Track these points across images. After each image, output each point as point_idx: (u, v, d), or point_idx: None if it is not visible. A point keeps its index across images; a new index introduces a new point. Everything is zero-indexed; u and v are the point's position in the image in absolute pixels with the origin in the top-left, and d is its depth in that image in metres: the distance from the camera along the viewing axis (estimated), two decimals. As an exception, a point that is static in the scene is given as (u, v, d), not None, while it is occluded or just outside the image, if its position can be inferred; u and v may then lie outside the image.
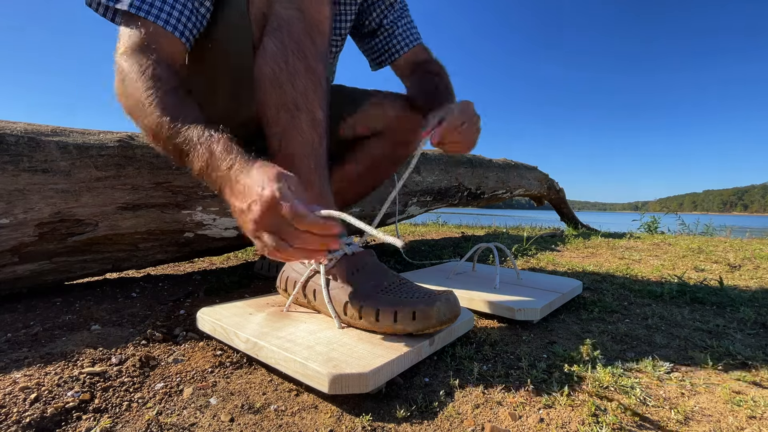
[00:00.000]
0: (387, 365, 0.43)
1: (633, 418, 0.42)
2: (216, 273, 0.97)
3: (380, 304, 0.50)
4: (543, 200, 2.64)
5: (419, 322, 0.48)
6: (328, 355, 0.45)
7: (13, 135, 0.64)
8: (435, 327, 0.49)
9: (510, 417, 0.41)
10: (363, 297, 0.52)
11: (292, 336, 0.50)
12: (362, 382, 0.41)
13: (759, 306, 0.83)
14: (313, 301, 0.58)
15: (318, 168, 0.61)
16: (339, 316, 0.54)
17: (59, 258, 0.69)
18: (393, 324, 0.49)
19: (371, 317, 0.50)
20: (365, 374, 0.41)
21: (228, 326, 0.53)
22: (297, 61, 0.61)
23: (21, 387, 0.41)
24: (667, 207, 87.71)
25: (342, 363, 0.43)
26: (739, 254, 1.54)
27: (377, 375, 0.42)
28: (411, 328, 0.49)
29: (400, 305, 0.49)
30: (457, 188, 1.71)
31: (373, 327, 0.51)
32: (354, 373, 0.41)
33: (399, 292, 0.52)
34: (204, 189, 0.83)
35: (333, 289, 0.55)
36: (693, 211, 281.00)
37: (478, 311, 0.72)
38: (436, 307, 0.48)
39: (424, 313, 0.48)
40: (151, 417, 0.39)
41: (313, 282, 0.58)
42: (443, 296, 0.50)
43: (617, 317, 0.74)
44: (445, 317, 0.49)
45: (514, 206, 69.73)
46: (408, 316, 0.48)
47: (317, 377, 0.41)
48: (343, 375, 0.40)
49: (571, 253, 1.53)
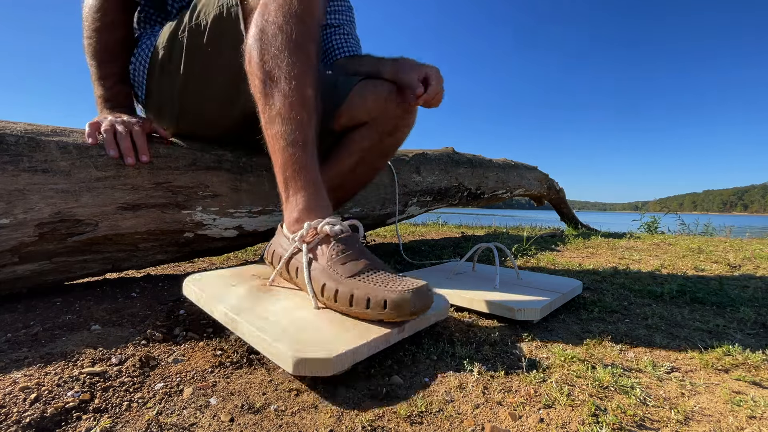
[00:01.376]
0: (351, 351, 0.45)
1: (633, 418, 0.42)
2: (216, 273, 0.97)
3: (355, 290, 0.52)
4: (543, 200, 2.64)
5: (391, 311, 0.50)
6: (298, 336, 0.46)
7: (13, 135, 0.64)
8: (406, 317, 0.50)
9: (510, 417, 0.41)
10: (340, 281, 0.53)
11: (266, 313, 0.52)
12: (326, 366, 0.43)
13: (759, 306, 0.83)
14: (295, 278, 0.59)
15: (306, 145, 0.62)
16: (317, 296, 0.55)
17: (59, 258, 0.69)
18: (365, 310, 0.51)
19: (345, 302, 0.52)
20: (329, 359, 0.43)
21: (210, 297, 0.55)
22: (285, 41, 0.61)
23: (21, 387, 0.41)
24: (667, 207, 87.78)
25: (308, 345, 0.45)
26: (739, 254, 1.54)
27: (340, 360, 0.44)
28: (383, 316, 0.50)
29: (374, 293, 0.51)
30: (457, 188, 1.71)
31: (347, 311, 0.52)
32: (318, 358, 0.43)
33: (376, 281, 0.53)
34: (204, 189, 0.83)
35: (314, 270, 0.56)
36: (693, 211, 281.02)
37: (478, 311, 0.72)
38: (408, 298, 0.49)
39: (396, 303, 0.49)
40: (151, 417, 0.39)
41: (296, 259, 0.59)
42: (416, 287, 0.51)
43: (617, 317, 0.74)
44: (416, 308, 0.50)
45: (514, 206, 69.81)
46: (380, 304, 0.50)
47: (284, 357, 0.43)
48: (307, 359, 0.43)
49: (571, 253, 1.53)
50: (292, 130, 0.61)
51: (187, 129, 0.87)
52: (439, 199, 1.63)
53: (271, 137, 0.63)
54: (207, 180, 0.83)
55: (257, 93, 0.63)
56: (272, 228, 0.95)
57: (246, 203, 0.89)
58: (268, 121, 0.63)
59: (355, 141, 0.88)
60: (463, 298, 0.73)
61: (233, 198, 0.87)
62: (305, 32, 0.62)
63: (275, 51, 0.61)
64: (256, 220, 0.92)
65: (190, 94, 0.82)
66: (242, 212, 0.89)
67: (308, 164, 0.61)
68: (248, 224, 0.91)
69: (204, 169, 0.84)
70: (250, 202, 0.90)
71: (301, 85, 0.61)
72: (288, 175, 0.61)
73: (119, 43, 0.84)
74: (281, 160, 0.62)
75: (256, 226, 0.93)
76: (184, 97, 0.83)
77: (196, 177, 0.82)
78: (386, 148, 0.92)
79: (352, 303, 0.51)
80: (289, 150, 0.61)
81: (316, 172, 0.62)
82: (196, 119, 0.86)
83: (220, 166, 0.86)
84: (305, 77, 0.62)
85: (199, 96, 0.82)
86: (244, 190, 0.89)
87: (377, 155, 0.92)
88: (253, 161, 0.92)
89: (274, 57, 0.61)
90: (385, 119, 0.87)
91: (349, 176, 0.90)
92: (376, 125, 0.87)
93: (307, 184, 0.61)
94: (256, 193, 0.91)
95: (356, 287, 0.52)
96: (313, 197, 0.61)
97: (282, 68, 0.61)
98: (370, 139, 0.88)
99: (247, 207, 0.90)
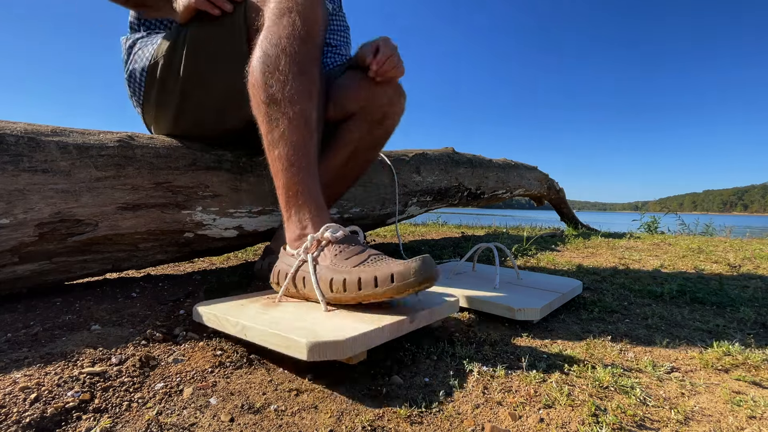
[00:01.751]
0: (363, 336, 0.46)
1: (633, 418, 0.42)
2: (216, 273, 0.97)
3: (362, 274, 0.53)
4: (543, 200, 2.64)
5: (398, 282, 0.50)
6: (311, 329, 0.47)
7: (13, 135, 0.64)
8: (414, 287, 0.51)
9: (510, 417, 0.41)
10: (346, 271, 0.54)
11: (277, 318, 0.52)
12: (338, 348, 0.43)
13: (759, 306, 0.83)
14: (303, 289, 0.59)
15: (309, 166, 0.63)
16: (324, 294, 0.56)
17: (59, 258, 0.69)
18: (374, 289, 0.51)
19: (354, 287, 0.53)
20: (341, 341, 0.43)
21: (220, 314, 0.56)
22: (289, 63, 0.62)
23: (21, 387, 0.41)
24: (667, 207, 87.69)
25: (321, 334, 0.45)
26: (739, 254, 1.54)
27: (354, 343, 0.44)
28: (392, 290, 0.51)
29: (380, 271, 0.52)
30: (457, 188, 1.71)
31: (357, 297, 0.53)
32: (330, 341, 0.43)
33: (381, 263, 0.54)
34: (204, 189, 0.83)
35: (320, 271, 0.57)
36: (693, 211, 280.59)
37: (478, 311, 0.72)
38: (414, 266, 0.50)
39: (401, 275, 0.50)
40: (151, 417, 0.39)
41: (302, 271, 0.59)
42: (421, 258, 0.52)
43: (617, 317, 0.74)
44: (423, 276, 0.50)
45: (514, 206, 69.79)
46: (387, 279, 0.51)
47: (297, 346, 0.44)
48: (320, 342, 0.43)
49: (571, 253, 1.53)
50: (294, 153, 0.62)
51: (186, 132, 0.88)
52: (439, 199, 1.63)
53: (273, 159, 0.63)
54: (207, 180, 0.83)
55: (260, 115, 0.64)
56: (272, 228, 0.95)
57: (246, 203, 0.89)
58: (270, 142, 0.63)
59: (346, 132, 0.88)
60: (463, 298, 0.73)
61: (233, 198, 0.87)
62: (308, 55, 0.63)
63: (279, 74, 0.62)
64: (256, 220, 0.92)
65: (190, 102, 0.82)
66: (242, 212, 0.89)
67: (310, 185, 0.63)
68: (248, 224, 0.91)
69: (204, 169, 0.84)
70: (250, 202, 0.90)
71: (303, 109, 0.62)
72: (291, 195, 0.62)
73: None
74: (283, 182, 0.63)
75: (257, 226, 0.93)
76: (183, 104, 0.83)
77: (196, 177, 0.82)
78: (377, 138, 0.91)
79: (361, 286, 0.52)
80: (291, 171, 0.62)
81: (317, 192, 0.64)
82: (196, 125, 0.86)
83: (220, 166, 0.86)
84: (308, 100, 0.63)
85: (199, 105, 0.82)
86: (244, 190, 0.89)
87: (369, 146, 0.91)
88: (253, 161, 0.92)
89: (278, 81, 0.62)
90: (373, 107, 0.87)
91: (341, 170, 0.90)
92: (365, 114, 0.87)
93: (309, 204, 0.62)
94: (256, 193, 0.91)
95: (362, 272, 0.53)
96: (316, 216, 0.62)
97: (285, 92, 0.61)
98: (360, 129, 0.88)
99: (247, 207, 0.90)
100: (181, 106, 0.83)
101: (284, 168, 0.62)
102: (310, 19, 0.64)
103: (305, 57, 0.63)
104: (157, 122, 0.89)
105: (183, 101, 0.82)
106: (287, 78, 0.62)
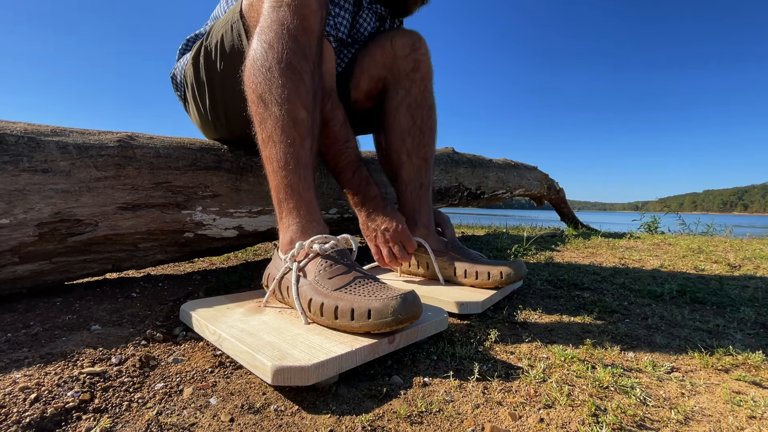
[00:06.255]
0: (333, 360, 0.44)
1: (633, 418, 0.42)
2: (216, 273, 0.97)
3: (339, 302, 0.51)
4: (543, 200, 2.64)
5: (375, 320, 0.48)
6: (282, 348, 0.46)
7: (13, 135, 0.64)
8: (391, 326, 0.48)
9: (510, 417, 0.41)
10: (325, 294, 0.52)
11: (254, 329, 0.52)
12: (304, 374, 0.42)
13: (759, 306, 0.83)
14: (287, 297, 0.59)
15: (298, 168, 0.61)
16: (305, 312, 0.54)
17: (59, 258, 0.69)
18: (350, 322, 0.49)
19: (331, 315, 0.51)
20: (306, 367, 0.42)
21: (202, 319, 0.55)
22: (275, 61, 0.60)
23: (21, 387, 0.41)
24: (667, 207, 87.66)
25: (289, 356, 0.44)
26: (739, 254, 1.53)
27: (321, 368, 0.43)
28: (368, 326, 0.49)
29: (358, 304, 0.50)
30: (457, 188, 1.71)
31: (333, 324, 0.51)
32: (295, 366, 0.42)
33: (362, 291, 0.52)
34: (204, 189, 0.83)
35: (302, 286, 0.56)
36: (693, 211, 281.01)
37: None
38: (393, 305, 0.48)
39: (379, 312, 0.48)
40: (151, 417, 0.39)
41: (287, 278, 0.59)
42: (402, 295, 0.49)
43: (617, 317, 0.74)
44: (402, 316, 0.48)
45: (514, 206, 69.69)
46: (364, 314, 0.49)
47: (263, 368, 0.43)
48: (284, 367, 0.42)
49: (571, 253, 1.53)
50: (283, 154, 0.61)
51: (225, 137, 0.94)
52: (439, 199, 1.63)
53: (264, 159, 0.63)
54: (207, 180, 0.83)
55: (252, 114, 0.64)
56: (272, 228, 0.95)
57: (246, 203, 0.89)
58: (261, 143, 0.63)
59: (390, 102, 0.89)
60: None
61: (233, 198, 0.87)
62: (298, 51, 0.61)
63: (266, 72, 0.60)
64: (256, 220, 0.92)
65: (218, 108, 0.86)
66: (242, 212, 0.89)
67: (300, 186, 0.61)
68: (248, 224, 0.91)
69: (204, 169, 0.84)
70: (250, 202, 0.90)
71: (291, 108, 0.60)
72: (281, 197, 0.62)
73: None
74: (274, 183, 0.62)
75: (257, 226, 0.93)
76: (216, 110, 0.87)
77: (196, 177, 0.82)
78: (422, 91, 0.90)
79: (337, 315, 0.50)
80: (281, 173, 0.61)
81: (309, 193, 0.62)
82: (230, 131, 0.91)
83: (220, 166, 0.86)
84: (295, 100, 0.61)
85: (225, 110, 0.85)
86: (244, 190, 0.89)
87: (419, 102, 0.90)
88: (253, 161, 0.92)
89: (266, 80, 0.60)
90: (399, 58, 0.88)
91: (414, 130, 0.89)
92: (397, 72, 0.89)
93: (299, 205, 0.61)
94: (256, 193, 0.91)
95: (341, 299, 0.51)
96: (305, 218, 0.61)
97: (272, 91, 0.60)
98: (401, 88, 0.89)
99: (247, 207, 0.90)
100: (214, 112, 0.88)
101: (274, 170, 0.62)
102: (302, 13, 0.61)
103: (295, 54, 0.61)
104: (204, 128, 0.96)
105: (214, 105, 0.86)
106: (273, 77, 0.60)
